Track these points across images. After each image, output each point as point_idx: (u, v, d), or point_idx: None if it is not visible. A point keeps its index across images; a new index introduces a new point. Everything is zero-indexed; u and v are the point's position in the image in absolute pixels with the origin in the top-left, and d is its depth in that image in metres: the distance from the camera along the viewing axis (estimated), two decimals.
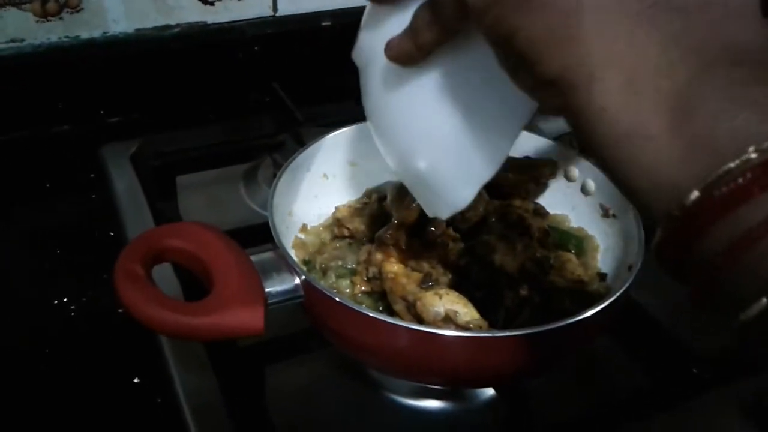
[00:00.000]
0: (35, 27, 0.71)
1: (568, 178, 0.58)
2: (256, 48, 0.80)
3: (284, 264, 0.44)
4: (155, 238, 0.43)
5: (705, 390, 0.51)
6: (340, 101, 0.84)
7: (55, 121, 0.75)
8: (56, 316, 0.56)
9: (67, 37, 0.73)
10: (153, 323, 0.38)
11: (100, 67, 0.75)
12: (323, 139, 0.57)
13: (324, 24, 0.82)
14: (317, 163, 0.57)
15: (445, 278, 0.48)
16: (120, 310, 0.55)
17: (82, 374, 0.52)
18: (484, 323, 0.44)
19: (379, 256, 0.49)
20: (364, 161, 0.59)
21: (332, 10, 0.84)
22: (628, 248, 0.49)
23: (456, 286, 0.48)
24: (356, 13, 0.42)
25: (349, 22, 0.85)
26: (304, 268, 0.48)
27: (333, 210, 0.57)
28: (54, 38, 0.73)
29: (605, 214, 0.54)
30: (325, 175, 0.58)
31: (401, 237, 0.50)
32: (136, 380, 0.51)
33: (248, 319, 0.40)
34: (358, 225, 0.54)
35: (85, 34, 0.74)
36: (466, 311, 0.45)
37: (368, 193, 0.59)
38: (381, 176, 0.59)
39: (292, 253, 0.53)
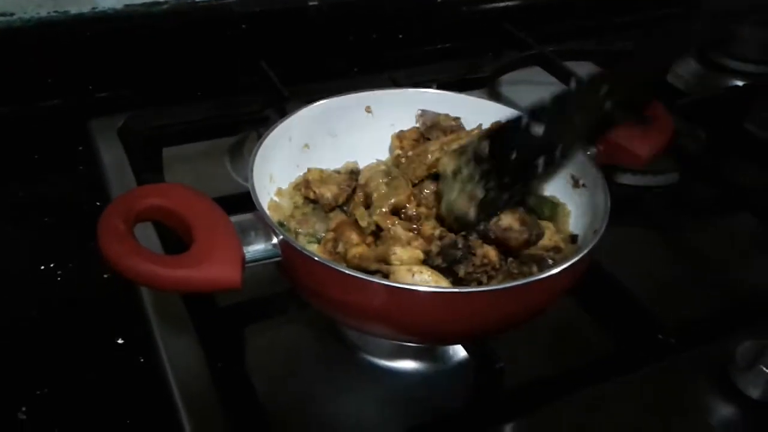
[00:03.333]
0: (25, 1, 0.72)
1: None
2: (243, 26, 0.81)
3: (263, 225, 0.45)
4: (138, 195, 0.44)
5: (670, 355, 0.52)
6: (327, 79, 0.86)
7: (44, 95, 0.76)
8: (43, 281, 0.57)
9: (56, 11, 0.74)
10: (133, 274, 0.39)
11: (89, 43, 0.76)
12: (305, 110, 0.58)
13: (311, 3, 0.83)
14: (299, 133, 0.58)
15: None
16: (105, 275, 0.57)
17: (67, 335, 0.53)
18: None
19: (354, 236, 0.51)
20: (345, 134, 0.61)
21: None
22: (595, 215, 0.51)
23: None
24: None
25: (336, 2, 0.87)
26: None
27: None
28: (43, 13, 0.73)
29: (575, 184, 0.56)
30: (306, 146, 0.59)
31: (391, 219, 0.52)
32: (119, 341, 0.52)
33: (226, 272, 0.41)
34: (325, 191, 0.55)
35: (74, 9, 0.75)
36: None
37: (347, 167, 0.60)
38: (361, 149, 0.61)
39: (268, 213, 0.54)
